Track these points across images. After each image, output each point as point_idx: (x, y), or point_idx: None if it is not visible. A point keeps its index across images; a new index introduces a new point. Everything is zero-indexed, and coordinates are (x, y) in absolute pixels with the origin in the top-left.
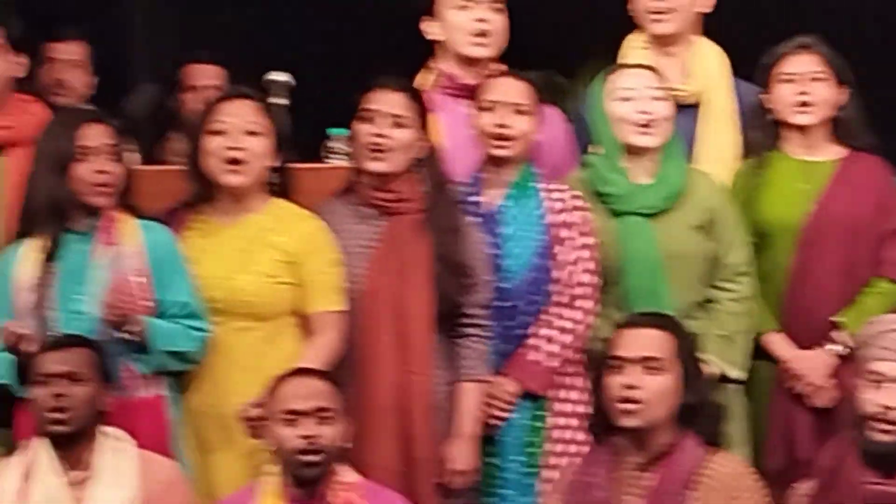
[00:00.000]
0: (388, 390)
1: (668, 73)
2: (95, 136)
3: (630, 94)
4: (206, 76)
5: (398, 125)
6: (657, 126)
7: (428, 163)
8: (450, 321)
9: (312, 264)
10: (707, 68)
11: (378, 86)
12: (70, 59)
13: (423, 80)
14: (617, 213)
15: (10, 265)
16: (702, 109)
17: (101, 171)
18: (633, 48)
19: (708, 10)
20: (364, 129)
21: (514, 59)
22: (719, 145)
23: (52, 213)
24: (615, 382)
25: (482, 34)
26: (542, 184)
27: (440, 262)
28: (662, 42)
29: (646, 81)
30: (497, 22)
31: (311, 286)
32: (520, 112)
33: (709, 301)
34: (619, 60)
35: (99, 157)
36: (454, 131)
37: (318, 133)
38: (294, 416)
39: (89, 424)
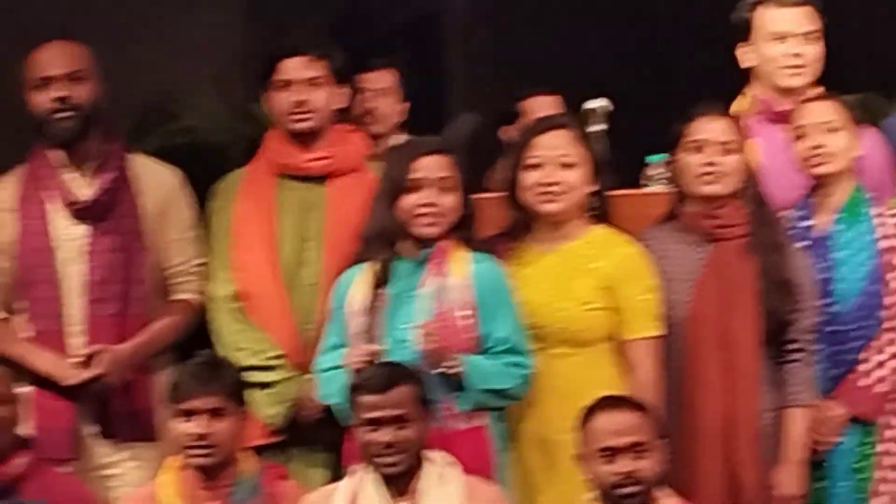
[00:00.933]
0: (715, 416)
1: None
2: (428, 167)
3: None
4: (546, 107)
5: (727, 151)
6: None
7: (749, 186)
8: (776, 344)
9: (629, 290)
10: None
11: (702, 114)
12: (379, 88)
13: (739, 105)
14: None
15: (345, 288)
16: None
17: (427, 204)
18: None
19: None
20: (694, 160)
21: (833, 82)
22: None
23: (383, 240)
24: None
25: (797, 66)
26: (873, 208)
27: (766, 280)
28: None
29: None
30: (812, 52)
31: (627, 312)
32: (831, 130)
33: None
34: None
35: (429, 188)
36: (771, 156)
37: (636, 158)
38: (610, 452)
39: (417, 457)
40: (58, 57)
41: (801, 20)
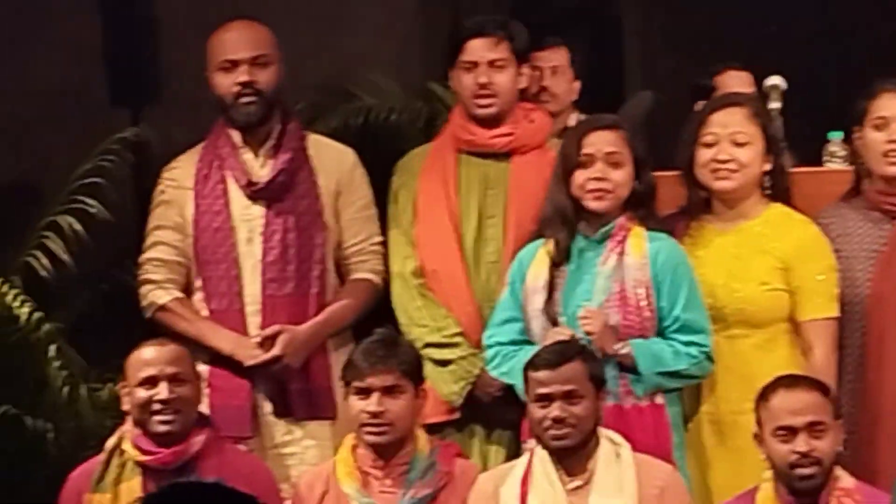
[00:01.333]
0: (895, 395)
1: None
2: (597, 143)
3: None
4: (739, 82)
5: None
6: None
7: None
8: None
9: (806, 270)
10: None
11: (885, 90)
12: (551, 66)
13: None
14: None
15: (524, 265)
16: None
17: (596, 178)
18: None
19: None
20: (877, 137)
21: None
22: None
23: (559, 218)
24: None
25: None
26: None
27: None
28: None
29: None
30: None
31: (804, 292)
32: None
33: None
34: None
35: (598, 163)
36: None
37: (814, 136)
38: (787, 431)
39: (588, 436)
40: (243, 40)
41: None
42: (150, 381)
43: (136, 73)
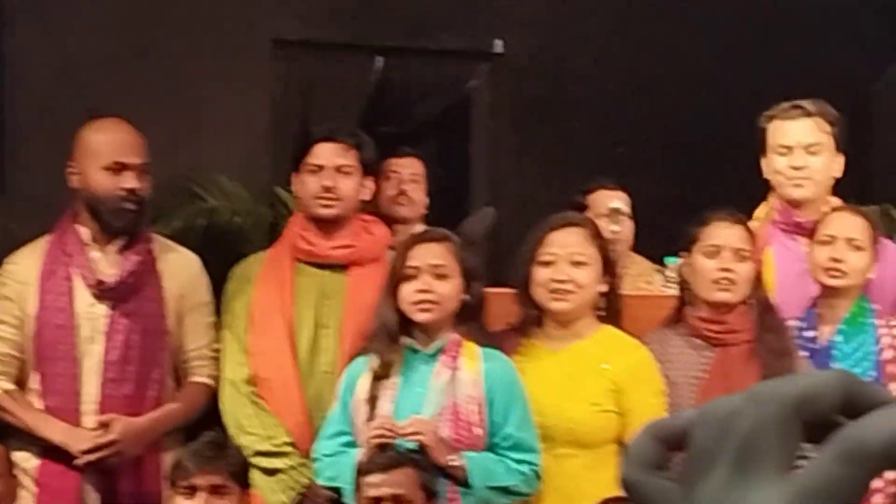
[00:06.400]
0: None
1: None
2: (424, 255)
3: None
4: (610, 200)
5: (741, 258)
6: None
7: (756, 292)
8: None
9: (637, 393)
10: None
11: (717, 219)
12: (410, 173)
13: (761, 213)
14: None
15: (353, 378)
16: None
17: (421, 290)
18: None
19: None
20: (707, 264)
21: (849, 193)
22: None
23: (384, 331)
24: None
25: (800, 178)
26: (878, 319)
27: None
28: None
29: None
30: (815, 164)
31: (634, 415)
32: (855, 247)
33: None
34: None
35: (424, 276)
36: (785, 266)
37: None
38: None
39: None
40: (134, 145)
41: (805, 132)
42: None
43: None
